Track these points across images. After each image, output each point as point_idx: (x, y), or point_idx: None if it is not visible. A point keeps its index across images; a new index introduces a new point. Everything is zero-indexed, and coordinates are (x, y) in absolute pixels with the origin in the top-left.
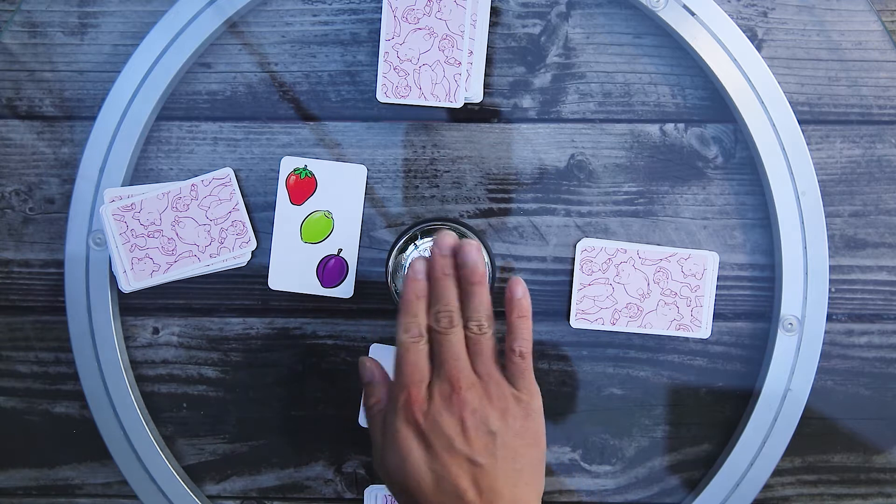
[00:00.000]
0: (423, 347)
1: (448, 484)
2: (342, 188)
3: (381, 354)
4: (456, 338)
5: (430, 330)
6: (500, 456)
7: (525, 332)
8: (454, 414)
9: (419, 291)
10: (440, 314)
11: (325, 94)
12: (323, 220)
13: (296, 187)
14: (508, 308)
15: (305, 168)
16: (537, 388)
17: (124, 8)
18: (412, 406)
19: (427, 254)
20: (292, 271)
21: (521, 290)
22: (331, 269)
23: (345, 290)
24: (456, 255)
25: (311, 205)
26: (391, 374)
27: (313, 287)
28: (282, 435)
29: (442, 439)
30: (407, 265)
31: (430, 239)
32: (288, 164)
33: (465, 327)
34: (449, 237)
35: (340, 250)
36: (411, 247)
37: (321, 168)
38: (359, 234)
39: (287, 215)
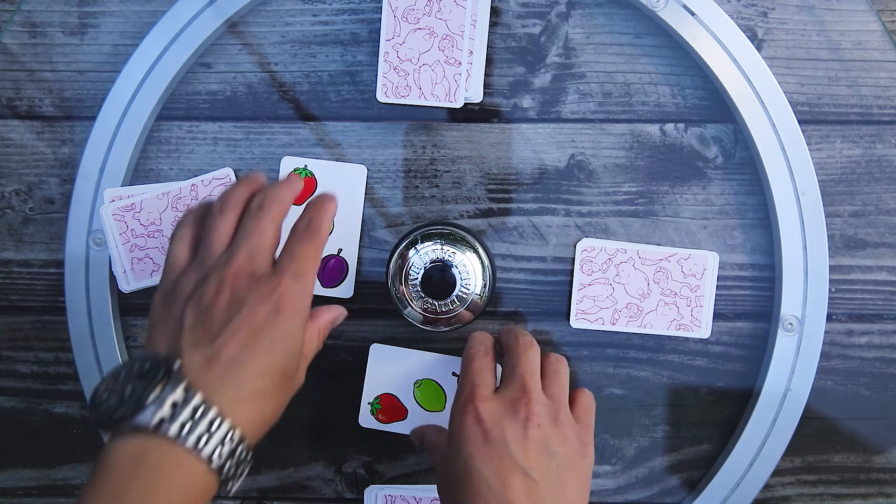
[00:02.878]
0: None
1: (497, 485)
2: (342, 188)
3: (382, 354)
4: (534, 354)
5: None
6: (553, 479)
7: None
8: (518, 419)
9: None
10: (521, 335)
11: (325, 94)
12: None
13: None
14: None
15: (305, 168)
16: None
17: (124, 8)
18: (475, 397)
19: (427, 257)
20: None
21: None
22: (331, 269)
23: (345, 290)
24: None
25: None
26: (389, 373)
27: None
28: (282, 435)
29: (499, 437)
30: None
31: (431, 243)
32: (288, 164)
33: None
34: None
35: (340, 250)
36: (412, 251)
37: (321, 168)
38: (359, 234)
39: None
